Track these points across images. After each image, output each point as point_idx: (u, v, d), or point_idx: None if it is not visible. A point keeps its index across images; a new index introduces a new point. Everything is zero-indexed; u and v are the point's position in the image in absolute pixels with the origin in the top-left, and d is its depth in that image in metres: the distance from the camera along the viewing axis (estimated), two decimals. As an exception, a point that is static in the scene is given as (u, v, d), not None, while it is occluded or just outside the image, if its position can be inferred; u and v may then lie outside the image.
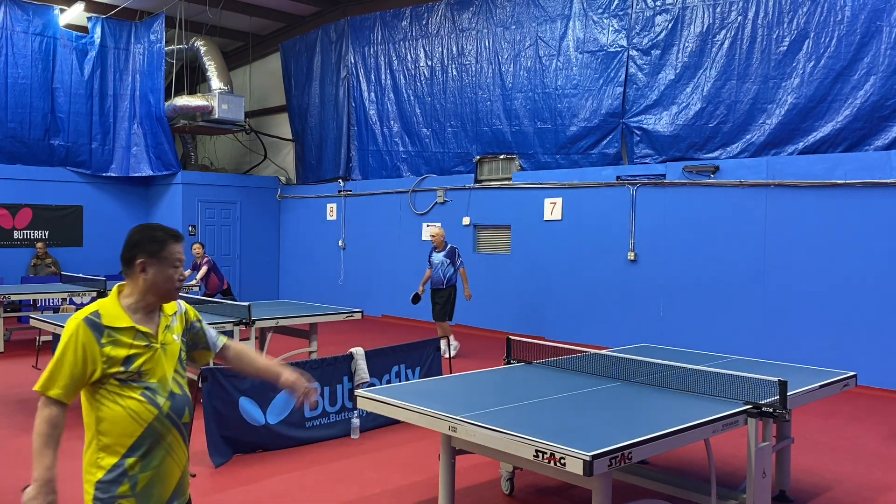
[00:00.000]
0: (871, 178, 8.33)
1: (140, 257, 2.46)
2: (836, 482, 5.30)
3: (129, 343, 2.40)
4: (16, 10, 13.93)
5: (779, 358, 8.53)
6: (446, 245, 10.00)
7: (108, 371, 2.36)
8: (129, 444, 2.40)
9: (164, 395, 2.44)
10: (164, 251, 2.48)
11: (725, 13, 9.64)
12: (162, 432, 2.44)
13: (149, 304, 2.49)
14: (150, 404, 2.41)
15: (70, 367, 2.33)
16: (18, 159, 14.23)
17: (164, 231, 2.52)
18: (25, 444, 5.89)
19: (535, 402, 4.03)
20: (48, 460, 2.36)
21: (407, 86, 13.73)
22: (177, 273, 2.51)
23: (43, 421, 2.36)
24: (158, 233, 2.50)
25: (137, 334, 2.42)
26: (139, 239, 2.48)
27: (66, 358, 2.33)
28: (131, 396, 2.39)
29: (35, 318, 7.49)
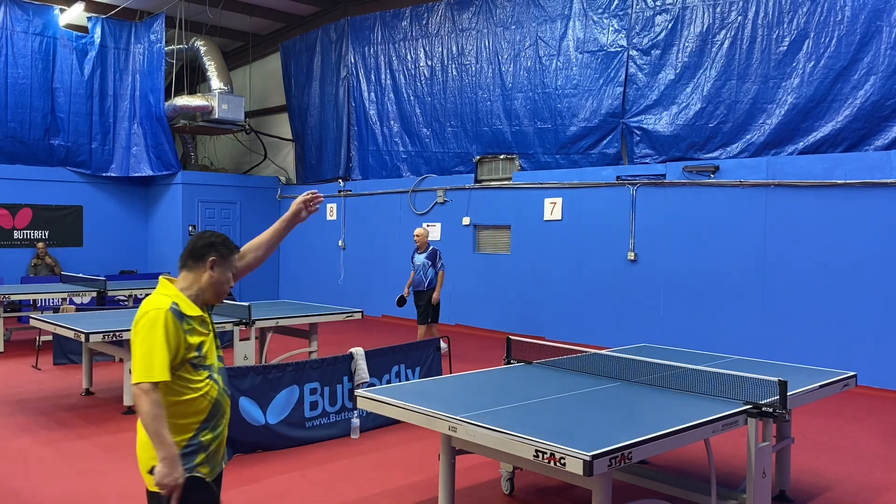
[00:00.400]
0: (871, 178, 8.33)
1: (213, 255, 2.79)
2: (836, 482, 5.30)
3: (199, 330, 2.72)
4: (16, 10, 13.93)
5: (779, 358, 8.53)
6: (429, 246, 9.88)
7: (186, 357, 2.64)
8: (202, 419, 2.67)
9: (216, 371, 2.78)
10: (231, 256, 2.87)
11: (725, 13, 9.64)
12: (223, 404, 2.78)
13: (205, 298, 2.80)
14: (213, 382, 2.73)
15: (164, 352, 2.55)
16: (18, 159, 14.23)
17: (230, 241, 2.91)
18: (25, 444, 5.89)
19: (535, 402, 4.03)
20: (168, 438, 2.54)
21: (407, 86, 13.73)
22: (231, 277, 2.87)
23: (152, 405, 2.52)
24: (226, 240, 2.88)
25: (202, 322, 2.75)
26: (216, 241, 2.83)
27: (159, 344, 2.54)
28: (201, 378, 2.68)
29: (35, 318, 7.48)
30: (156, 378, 2.51)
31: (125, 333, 6.61)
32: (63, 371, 8.77)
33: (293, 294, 15.85)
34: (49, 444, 5.88)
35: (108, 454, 5.65)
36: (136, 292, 11.28)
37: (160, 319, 2.57)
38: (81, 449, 5.78)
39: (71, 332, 6.68)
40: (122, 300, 11.54)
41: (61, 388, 7.91)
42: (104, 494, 4.82)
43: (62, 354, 9.18)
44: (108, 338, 6.48)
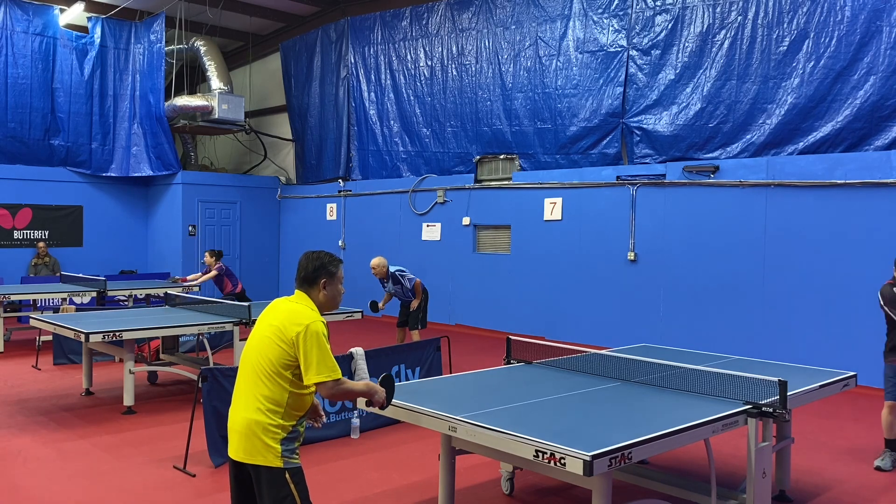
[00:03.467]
0: (871, 178, 8.33)
1: (323, 277, 3.23)
2: (836, 482, 5.30)
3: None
4: (16, 10, 13.92)
5: (779, 358, 8.53)
6: (388, 273, 9.13)
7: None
8: (303, 412, 3.18)
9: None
10: (338, 273, 3.30)
11: (725, 13, 9.64)
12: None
13: (324, 311, 3.27)
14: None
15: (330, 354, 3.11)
16: (18, 159, 14.22)
17: (334, 257, 3.30)
18: (26, 444, 5.89)
19: (535, 402, 4.03)
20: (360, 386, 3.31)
21: (407, 86, 13.73)
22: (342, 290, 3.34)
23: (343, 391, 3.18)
24: (331, 258, 3.28)
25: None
26: (322, 263, 3.24)
27: (327, 348, 3.11)
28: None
29: (35, 318, 7.49)
30: (337, 375, 3.10)
31: (125, 333, 6.62)
32: (63, 371, 8.77)
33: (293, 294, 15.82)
34: (49, 444, 5.88)
35: (108, 454, 5.65)
36: (136, 292, 11.28)
37: (322, 329, 3.11)
38: (81, 449, 5.78)
39: (71, 332, 6.68)
40: (122, 300, 11.54)
41: (61, 388, 7.91)
42: (104, 494, 4.82)
43: (62, 354, 9.18)
44: (108, 338, 6.48)
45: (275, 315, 3.18)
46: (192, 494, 4.86)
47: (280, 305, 3.23)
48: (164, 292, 9.67)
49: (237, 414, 3.11)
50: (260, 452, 3.03)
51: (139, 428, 6.41)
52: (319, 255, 3.27)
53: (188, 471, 5.23)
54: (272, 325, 3.14)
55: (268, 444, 3.03)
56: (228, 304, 7.89)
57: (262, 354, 3.11)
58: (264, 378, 3.08)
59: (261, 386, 3.08)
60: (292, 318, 3.10)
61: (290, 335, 3.06)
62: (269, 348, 3.09)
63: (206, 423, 5.43)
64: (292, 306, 3.18)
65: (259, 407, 3.05)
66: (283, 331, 3.08)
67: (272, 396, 3.06)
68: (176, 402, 7.38)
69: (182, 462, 5.33)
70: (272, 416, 3.04)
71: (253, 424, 3.04)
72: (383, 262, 9.13)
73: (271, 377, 3.07)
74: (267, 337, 3.12)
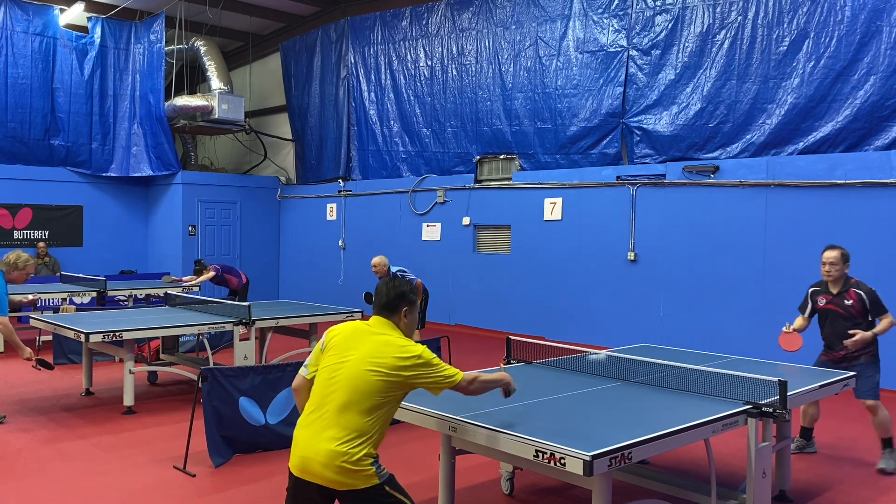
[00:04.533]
0: (871, 178, 8.33)
1: (405, 306, 3.38)
2: (836, 482, 5.30)
3: None
4: (16, 10, 13.92)
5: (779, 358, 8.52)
6: (389, 273, 9.13)
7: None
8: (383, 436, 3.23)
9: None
10: (417, 300, 3.47)
11: (725, 13, 9.64)
12: None
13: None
14: None
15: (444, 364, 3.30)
16: (18, 159, 14.22)
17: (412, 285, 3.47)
18: (26, 444, 5.89)
19: (535, 402, 4.03)
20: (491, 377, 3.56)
21: (407, 86, 13.73)
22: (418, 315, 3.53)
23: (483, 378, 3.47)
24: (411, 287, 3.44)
25: None
26: (404, 291, 3.39)
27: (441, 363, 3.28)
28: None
29: (35, 318, 7.48)
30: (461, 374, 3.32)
31: (125, 333, 6.62)
32: (63, 371, 8.77)
33: (293, 294, 15.84)
34: (49, 444, 5.88)
35: (108, 454, 5.65)
36: (136, 292, 11.28)
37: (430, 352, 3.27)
38: (81, 449, 5.78)
39: (71, 332, 6.68)
40: (122, 300, 11.54)
41: (61, 388, 7.91)
42: (104, 494, 4.82)
43: (62, 354, 9.18)
44: (108, 338, 6.48)
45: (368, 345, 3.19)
46: (192, 494, 4.85)
47: (371, 336, 3.24)
48: (164, 292, 9.67)
49: (319, 445, 3.04)
50: (355, 480, 3.03)
51: (139, 428, 6.41)
52: (401, 284, 3.42)
53: (188, 471, 5.23)
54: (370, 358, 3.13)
55: (362, 470, 3.03)
56: (228, 304, 7.89)
57: (354, 387, 3.08)
58: (359, 411, 3.06)
59: (351, 418, 3.05)
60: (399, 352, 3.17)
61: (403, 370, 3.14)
62: (367, 380, 3.08)
63: (206, 423, 5.43)
64: (389, 339, 3.23)
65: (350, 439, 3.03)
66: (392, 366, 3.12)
67: (367, 429, 3.07)
68: (176, 402, 7.38)
69: (182, 462, 5.33)
70: (365, 447, 3.05)
71: (339, 457, 3.01)
72: (385, 261, 9.14)
73: (370, 411, 3.07)
74: (363, 368, 3.10)
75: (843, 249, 5.72)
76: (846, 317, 5.61)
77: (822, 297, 5.78)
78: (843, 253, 5.69)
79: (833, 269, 5.64)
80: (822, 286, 5.82)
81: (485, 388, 3.48)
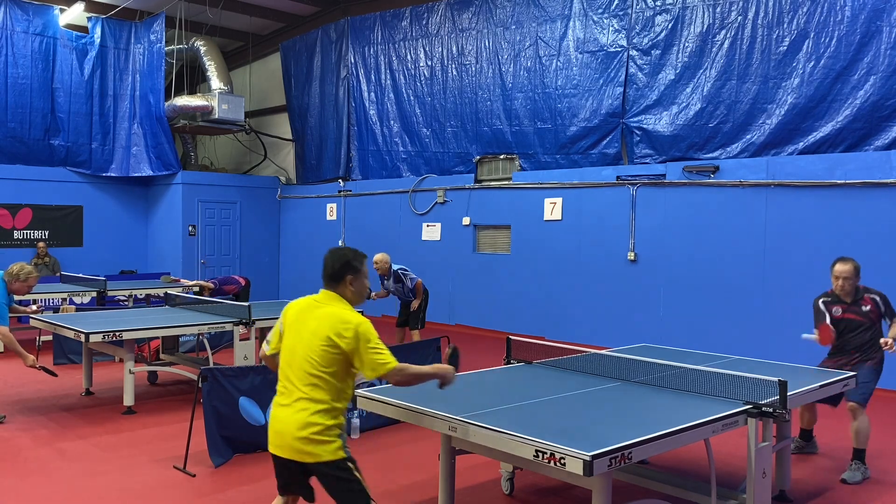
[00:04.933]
0: (871, 178, 8.33)
1: (349, 274, 3.39)
2: (836, 482, 5.30)
3: None
4: (16, 10, 13.92)
5: (779, 358, 8.53)
6: (391, 271, 9.16)
7: None
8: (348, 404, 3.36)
9: None
10: (363, 268, 3.45)
11: (725, 13, 9.64)
12: None
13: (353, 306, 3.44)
14: None
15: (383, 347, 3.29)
16: (18, 159, 14.21)
17: (357, 252, 3.47)
18: (26, 444, 5.89)
19: (535, 402, 4.03)
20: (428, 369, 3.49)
21: (407, 86, 13.73)
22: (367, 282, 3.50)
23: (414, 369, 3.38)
24: (355, 254, 3.45)
25: None
26: (347, 259, 3.41)
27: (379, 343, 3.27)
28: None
29: (35, 318, 7.49)
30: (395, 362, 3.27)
31: (125, 333, 6.62)
32: (63, 371, 8.77)
33: (293, 294, 15.82)
34: (49, 444, 5.88)
35: (108, 454, 5.65)
36: (136, 292, 11.27)
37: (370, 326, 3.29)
38: (81, 449, 5.78)
39: (71, 332, 6.68)
40: (122, 300, 11.54)
41: (61, 388, 7.91)
42: (104, 494, 4.82)
43: (62, 354, 9.18)
44: (108, 338, 6.48)
45: (314, 320, 3.30)
46: (192, 494, 4.85)
47: (316, 310, 3.34)
48: (164, 292, 9.67)
49: (289, 416, 3.22)
50: (321, 451, 3.19)
51: (139, 428, 6.41)
52: (344, 252, 3.43)
53: (188, 471, 5.23)
54: (316, 332, 3.26)
55: (330, 441, 3.20)
56: (228, 304, 7.89)
57: (309, 360, 3.24)
58: (317, 381, 3.22)
59: (314, 390, 3.22)
60: (338, 324, 3.25)
61: (341, 340, 3.21)
62: (317, 354, 3.23)
63: (206, 423, 5.43)
64: (332, 310, 3.31)
65: (314, 409, 3.20)
66: (332, 336, 3.22)
67: (326, 398, 3.23)
68: (176, 402, 7.38)
69: (182, 462, 5.33)
70: (329, 416, 3.22)
71: (308, 427, 3.18)
72: (387, 258, 9.16)
73: (324, 380, 3.22)
74: (313, 342, 3.25)
75: (855, 262, 5.66)
76: (865, 324, 5.57)
77: (836, 307, 5.70)
78: (856, 266, 5.64)
79: (847, 284, 5.60)
80: (832, 296, 5.75)
81: (418, 380, 3.43)
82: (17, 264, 6.64)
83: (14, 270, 6.55)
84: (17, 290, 6.58)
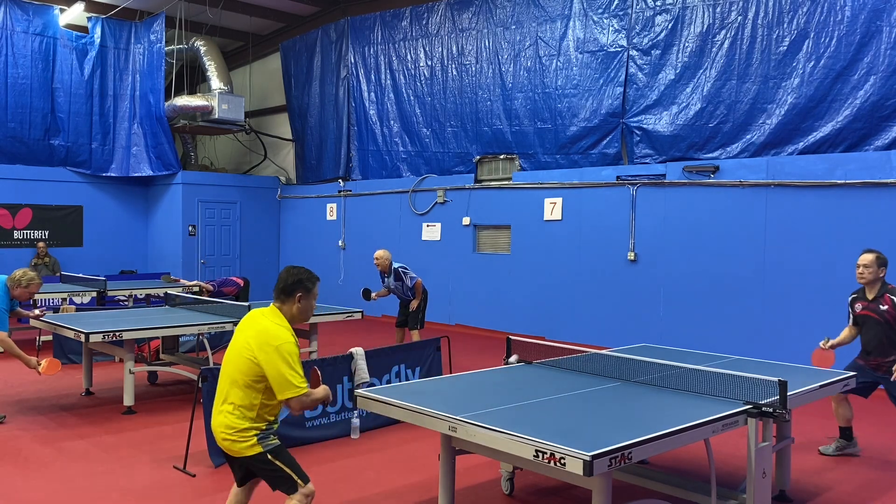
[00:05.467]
0: (871, 178, 8.33)
1: (300, 292, 3.54)
2: (836, 482, 5.30)
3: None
4: (16, 10, 13.92)
5: (779, 358, 8.53)
6: (391, 267, 9.13)
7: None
8: (274, 416, 3.54)
9: None
10: (314, 289, 3.62)
11: (725, 13, 9.64)
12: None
13: (295, 323, 3.58)
14: None
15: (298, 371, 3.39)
16: (18, 159, 14.22)
17: (312, 273, 3.65)
18: (26, 444, 5.89)
19: (535, 402, 4.03)
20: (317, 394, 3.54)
21: (407, 86, 13.73)
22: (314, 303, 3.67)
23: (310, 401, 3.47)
24: (309, 275, 3.62)
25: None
26: (301, 278, 3.57)
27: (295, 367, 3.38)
28: None
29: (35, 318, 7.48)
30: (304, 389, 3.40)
31: (125, 333, 6.62)
32: (63, 371, 8.76)
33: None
34: (49, 444, 5.88)
35: (108, 454, 5.65)
36: (136, 292, 11.27)
37: (291, 349, 3.40)
38: (81, 449, 5.78)
39: (71, 332, 6.68)
40: (122, 300, 11.54)
41: (61, 388, 7.91)
42: (104, 494, 4.82)
43: (62, 354, 9.17)
44: (108, 338, 6.48)
45: (250, 331, 3.50)
46: (192, 494, 4.85)
47: (255, 323, 3.52)
48: (164, 292, 9.67)
49: (215, 417, 3.51)
50: (239, 448, 3.45)
51: (139, 428, 6.41)
52: (299, 271, 3.61)
53: (188, 471, 5.24)
54: (246, 342, 3.46)
55: (245, 440, 3.43)
56: (228, 304, 7.89)
57: (236, 366, 3.46)
58: (239, 387, 3.44)
59: (235, 393, 3.45)
60: (264, 338, 3.41)
61: (261, 355, 3.38)
62: (242, 362, 3.44)
63: (206, 423, 5.42)
64: (265, 325, 3.47)
65: (233, 412, 3.44)
66: (255, 350, 3.41)
67: (244, 404, 3.44)
68: (176, 402, 7.39)
69: (182, 462, 5.33)
70: (245, 421, 3.43)
71: (227, 428, 3.44)
72: (387, 255, 9.17)
73: (244, 387, 3.43)
74: (241, 351, 3.46)
75: (880, 253, 5.66)
76: (882, 322, 5.58)
77: (859, 304, 5.75)
78: (879, 256, 5.63)
79: (866, 272, 5.60)
80: (860, 293, 5.79)
81: (314, 404, 3.55)
82: (20, 270, 6.66)
83: (17, 276, 6.56)
84: (19, 295, 6.60)
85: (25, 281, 6.56)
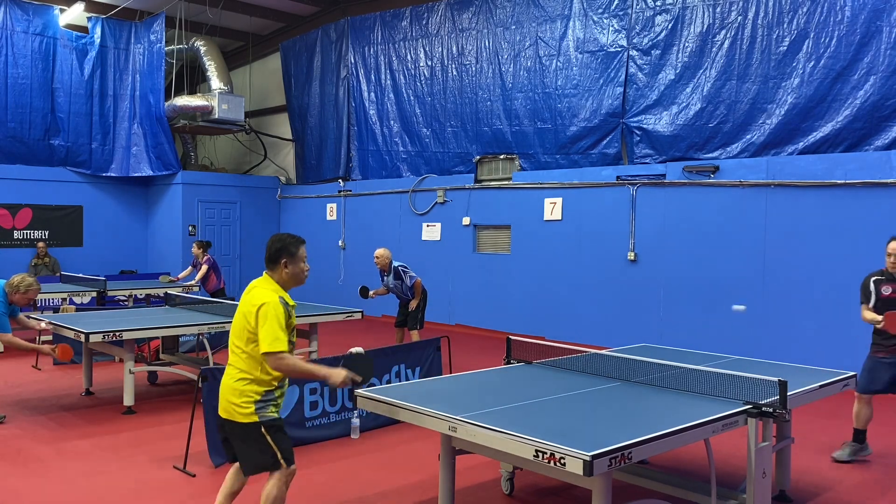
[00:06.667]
0: (871, 178, 8.33)
1: (284, 257, 3.64)
2: (836, 482, 5.30)
3: (293, 315, 3.66)
4: (16, 10, 13.92)
5: (779, 358, 8.53)
6: (390, 265, 9.12)
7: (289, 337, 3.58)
8: (280, 380, 3.63)
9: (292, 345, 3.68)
10: (298, 252, 3.69)
11: (725, 13, 9.64)
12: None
13: (288, 288, 3.71)
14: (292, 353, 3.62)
15: (281, 328, 3.49)
16: (18, 159, 14.22)
17: (295, 238, 3.72)
18: (26, 444, 5.89)
19: (535, 402, 4.03)
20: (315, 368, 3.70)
21: (407, 86, 13.73)
22: (305, 267, 3.75)
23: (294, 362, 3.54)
24: (293, 239, 3.69)
25: (293, 309, 3.68)
26: (285, 244, 3.66)
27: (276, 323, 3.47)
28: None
29: (35, 319, 7.48)
30: (278, 348, 3.45)
31: (125, 333, 6.62)
32: (63, 371, 8.77)
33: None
34: (49, 444, 5.88)
35: (108, 454, 5.65)
36: (136, 292, 11.27)
37: (271, 304, 3.50)
38: (81, 449, 5.78)
39: (71, 332, 6.68)
40: (122, 300, 11.54)
41: (61, 388, 7.91)
42: (104, 494, 4.82)
43: (62, 354, 9.16)
44: (108, 338, 6.48)
45: (244, 298, 3.66)
46: (192, 494, 4.85)
47: (248, 291, 3.68)
48: (164, 292, 9.67)
49: (224, 381, 3.65)
50: (236, 414, 3.54)
51: (139, 428, 6.41)
52: (282, 237, 3.70)
53: (188, 471, 5.23)
54: (241, 309, 3.64)
55: (241, 404, 3.53)
56: (228, 304, 7.89)
57: (235, 332, 3.64)
58: (238, 351, 3.61)
59: (235, 357, 3.62)
60: (253, 300, 3.57)
61: (250, 318, 3.54)
62: (239, 326, 3.61)
63: (206, 423, 5.43)
64: (255, 291, 3.62)
65: (234, 375, 3.59)
66: (246, 314, 3.57)
67: (244, 367, 3.58)
68: (176, 402, 7.39)
69: (182, 462, 5.33)
70: (245, 383, 3.55)
71: (230, 389, 3.58)
72: (388, 253, 9.17)
73: (243, 350, 3.58)
74: (238, 319, 3.63)
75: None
76: None
77: (886, 286, 5.61)
78: None
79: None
80: (886, 275, 5.66)
81: (296, 372, 3.58)
82: (19, 276, 6.61)
83: (15, 282, 6.52)
84: (17, 301, 6.56)
85: (24, 287, 6.53)
